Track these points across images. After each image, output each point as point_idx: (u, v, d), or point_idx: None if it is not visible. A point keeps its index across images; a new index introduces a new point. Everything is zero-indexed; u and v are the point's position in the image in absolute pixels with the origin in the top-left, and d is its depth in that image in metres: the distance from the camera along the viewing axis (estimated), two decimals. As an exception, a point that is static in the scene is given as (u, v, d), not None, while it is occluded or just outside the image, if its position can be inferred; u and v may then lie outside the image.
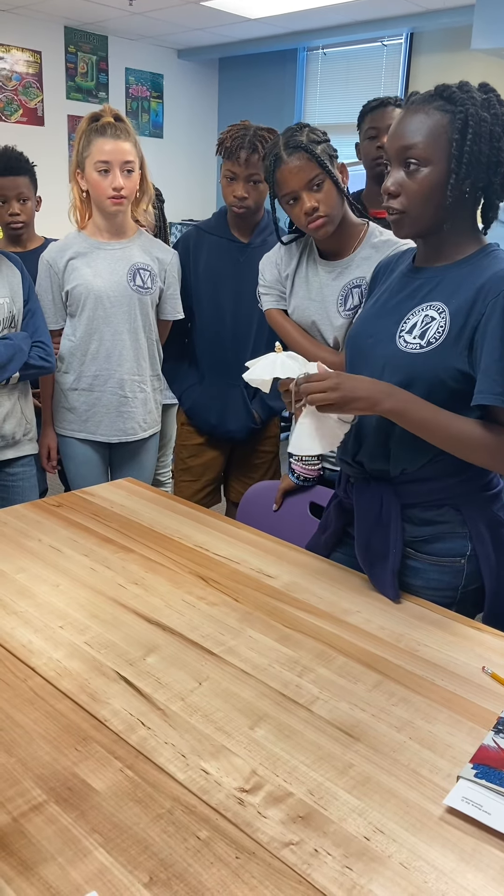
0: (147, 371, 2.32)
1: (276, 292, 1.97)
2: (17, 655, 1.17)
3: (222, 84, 7.03)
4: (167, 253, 2.32)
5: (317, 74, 6.29)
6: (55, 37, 5.99)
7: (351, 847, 0.85)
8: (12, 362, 2.04)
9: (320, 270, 1.88)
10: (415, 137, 1.26)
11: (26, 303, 2.14)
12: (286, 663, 1.18)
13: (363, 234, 1.84)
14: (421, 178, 1.27)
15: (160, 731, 1.02)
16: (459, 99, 1.24)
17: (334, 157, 1.77)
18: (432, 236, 1.35)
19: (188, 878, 0.80)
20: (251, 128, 2.14)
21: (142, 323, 2.27)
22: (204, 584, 1.42)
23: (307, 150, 1.70)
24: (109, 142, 2.08)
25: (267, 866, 0.82)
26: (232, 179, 2.18)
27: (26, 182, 2.49)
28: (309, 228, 1.76)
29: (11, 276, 2.13)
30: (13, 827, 0.86)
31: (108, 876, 0.80)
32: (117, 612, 1.31)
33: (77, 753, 0.97)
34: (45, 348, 2.14)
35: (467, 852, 0.85)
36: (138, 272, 2.23)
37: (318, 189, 1.72)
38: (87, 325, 2.22)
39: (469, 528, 1.38)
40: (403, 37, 5.59)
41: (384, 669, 1.18)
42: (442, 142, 1.25)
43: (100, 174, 2.10)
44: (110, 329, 2.23)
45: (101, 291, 2.19)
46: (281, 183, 1.74)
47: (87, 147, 2.10)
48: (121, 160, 2.09)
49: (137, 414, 2.33)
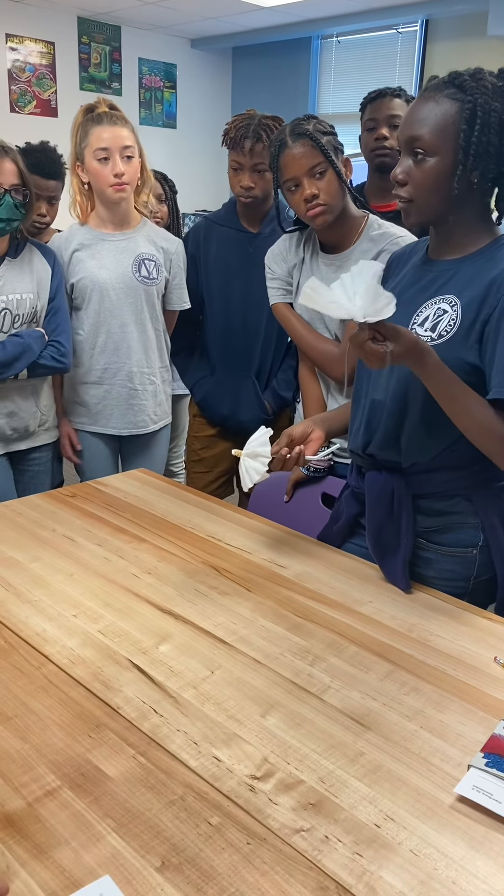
0: (156, 363, 2.33)
1: (283, 285, 1.97)
2: (31, 643, 1.18)
3: (236, 73, 7.01)
4: (172, 242, 2.31)
5: (331, 63, 6.26)
6: (68, 28, 5.99)
7: (361, 834, 0.85)
8: (19, 361, 2.03)
9: (321, 263, 1.88)
10: (422, 127, 1.26)
11: (52, 299, 2.13)
12: (298, 652, 1.19)
13: (363, 226, 1.84)
14: (427, 168, 1.26)
15: (172, 718, 1.03)
16: (470, 88, 1.23)
17: (339, 150, 1.77)
18: (443, 226, 1.34)
19: (200, 863, 0.81)
20: (256, 117, 2.13)
21: (148, 314, 2.26)
22: (216, 573, 1.43)
23: (312, 137, 1.70)
24: (107, 129, 2.08)
25: (278, 852, 0.83)
26: (238, 170, 2.17)
27: (58, 186, 2.43)
28: (307, 216, 1.76)
29: (42, 270, 2.11)
30: (28, 812, 0.87)
31: (121, 860, 0.81)
32: (130, 601, 1.32)
33: (90, 740, 0.98)
34: (61, 348, 2.12)
35: (477, 840, 0.85)
36: (143, 263, 2.23)
37: (320, 177, 1.72)
38: (94, 319, 2.22)
39: (481, 518, 1.38)
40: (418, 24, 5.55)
41: (395, 659, 1.18)
42: (449, 132, 1.24)
43: (100, 162, 2.09)
44: (117, 321, 2.23)
45: (106, 283, 2.19)
46: (284, 168, 1.74)
47: (85, 137, 2.09)
48: (120, 146, 2.09)
49: (147, 406, 2.33)
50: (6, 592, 1.33)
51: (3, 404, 2.09)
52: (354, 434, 1.47)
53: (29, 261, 2.09)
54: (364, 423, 1.43)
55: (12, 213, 1.93)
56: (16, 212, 1.94)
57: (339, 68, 6.21)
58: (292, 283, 1.95)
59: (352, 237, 1.84)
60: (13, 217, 1.94)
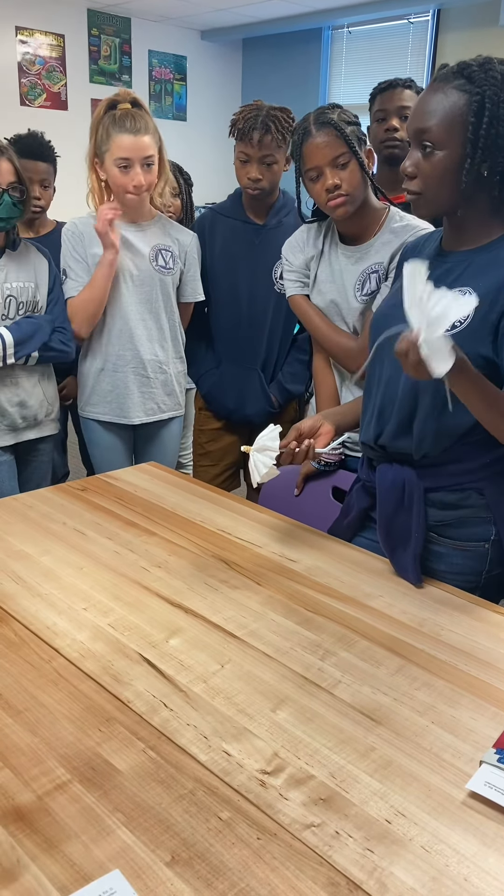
0: (170, 353, 2.33)
1: (301, 277, 1.95)
2: (41, 637, 1.19)
3: (246, 65, 6.98)
4: (187, 235, 2.31)
5: (342, 54, 6.22)
6: (78, 20, 5.97)
7: (372, 830, 0.85)
8: (33, 339, 2.07)
9: (340, 255, 1.86)
10: (430, 120, 1.24)
11: (51, 290, 2.17)
12: (308, 647, 1.18)
13: (384, 218, 1.82)
14: (436, 161, 1.25)
15: (182, 712, 1.02)
16: (479, 79, 1.21)
17: (363, 141, 1.75)
18: (455, 218, 1.33)
19: (210, 858, 0.81)
20: (264, 108, 2.12)
21: (163, 304, 2.27)
22: (226, 567, 1.43)
23: (336, 127, 1.68)
24: (129, 137, 2.06)
25: (288, 847, 0.82)
26: (245, 161, 2.15)
27: (49, 169, 2.51)
28: (328, 206, 1.74)
29: (39, 264, 2.15)
30: (38, 805, 0.87)
31: (131, 854, 0.81)
32: (140, 595, 1.32)
33: (100, 734, 0.98)
34: (67, 334, 2.16)
35: (489, 836, 0.84)
36: (160, 252, 2.24)
37: (343, 168, 1.70)
38: (110, 306, 2.22)
39: (493, 512, 1.37)
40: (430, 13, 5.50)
41: (406, 653, 1.17)
42: (457, 125, 1.22)
43: (120, 170, 2.09)
44: (133, 309, 2.23)
45: (123, 269, 2.20)
46: (306, 157, 1.72)
47: (107, 141, 2.09)
48: (141, 156, 2.08)
49: (157, 395, 2.33)
50: (16, 586, 1.33)
51: (15, 392, 2.12)
52: (366, 425, 1.46)
53: (26, 255, 2.14)
54: (376, 415, 1.42)
55: (11, 212, 1.98)
56: (14, 209, 1.99)
57: (350, 59, 6.17)
58: (309, 275, 1.93)
59: (373, 229, 1.82)
60: (12, 215, 2.00)
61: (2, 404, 2.10)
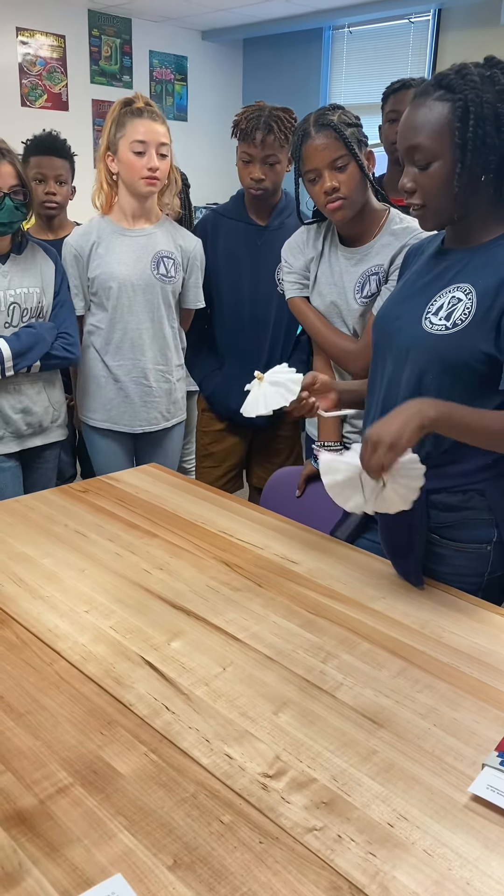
0: (173, 361, 2.32)
1: (300, 279, 1.95)
2: (43, 639, 1.18)
3: (247, 65, 6.96)
4: (191, 241, 2.30)
5: (342, 54, 6.20)
6: (79, 20, 5.96)
7: (374, 833, 0.85)
8: (33, 350, 2.05)
9: (340, 256, 1.86)
10: (419, 135, 1.26)
11: (56, 294, 2.15)
12: (310, 649, 1.18)
13: (384, 220, 1.82)
14: (432, 174, 1.26)
15: (184, 715, 1.02)
16: (457, 86, 1.22)
17: (363, 143, 1.74)
18: (459, 222, 1.33)
19: (212, 862, 0.81)
20: (266, 108, 2.11)
21: (165, 312, 2.26)
22: (228, 569, 1.42)
23: (336, 129, 1.68)
24: (146, 122, 2.08)
25: (290, 851, 0.82)
26: (248, 162, 2.15)
27: (65, 165, 2.47)
28: (327, 209, 1.74)
29: (45, 267, 2.13)
30: (39, 809, 0.87)
31: (133, 858, 0.81)
32: (142, 597, 1.32)
33: (102, 737, 0.98)
34: (70, 338, 2.15)
35: (492, 840, 0.84)
36: (162, 260, 2.23)
37: (342, 170, 1.70)
38: (112, 315, 2.22)
39: (495, 514, 1.36)
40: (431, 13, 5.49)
41: (408, 656, 1.17)
42: (446, 134, 1.23)
43: (135, 155, 2.09)
44: (134, 318, 2.22)
45: (124, 279, 2.18)
46: (305, 159, 1.72)
47: (122, 128, 2.09)
48: (157, 141, 2.09)
49: (160, 404, 2.33)
50: (18, 588, 1.33)
51: (18, 399, 2.10)
52: (369, 426, 1.45)
53: (32, 258, 2.11)
54: (379, 415, 1.42)
55: (13, 216, 1.97)
56: (16, 213, 1.97)
57: (351, 59, 6.16)
58: (309, 277, 1.93)
59: (372, 231, 1.82)
60: (14, 219, 1.98)
61: (5, 411, 2.09)
